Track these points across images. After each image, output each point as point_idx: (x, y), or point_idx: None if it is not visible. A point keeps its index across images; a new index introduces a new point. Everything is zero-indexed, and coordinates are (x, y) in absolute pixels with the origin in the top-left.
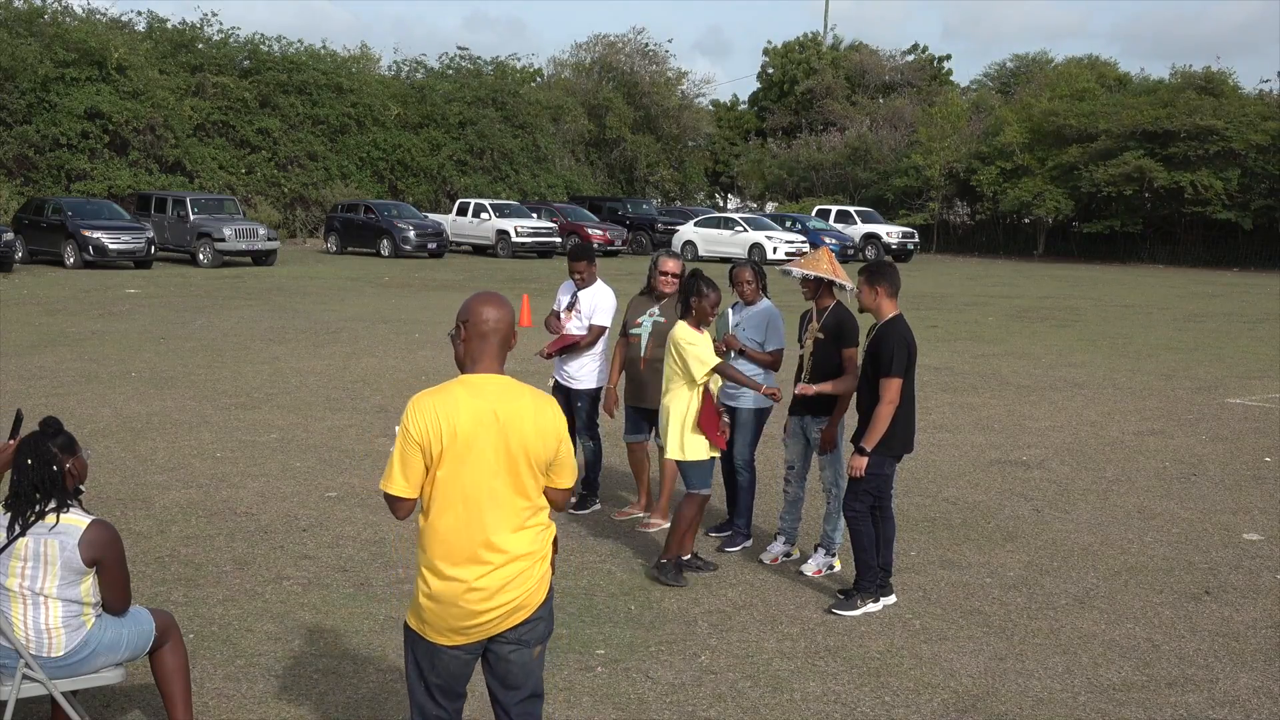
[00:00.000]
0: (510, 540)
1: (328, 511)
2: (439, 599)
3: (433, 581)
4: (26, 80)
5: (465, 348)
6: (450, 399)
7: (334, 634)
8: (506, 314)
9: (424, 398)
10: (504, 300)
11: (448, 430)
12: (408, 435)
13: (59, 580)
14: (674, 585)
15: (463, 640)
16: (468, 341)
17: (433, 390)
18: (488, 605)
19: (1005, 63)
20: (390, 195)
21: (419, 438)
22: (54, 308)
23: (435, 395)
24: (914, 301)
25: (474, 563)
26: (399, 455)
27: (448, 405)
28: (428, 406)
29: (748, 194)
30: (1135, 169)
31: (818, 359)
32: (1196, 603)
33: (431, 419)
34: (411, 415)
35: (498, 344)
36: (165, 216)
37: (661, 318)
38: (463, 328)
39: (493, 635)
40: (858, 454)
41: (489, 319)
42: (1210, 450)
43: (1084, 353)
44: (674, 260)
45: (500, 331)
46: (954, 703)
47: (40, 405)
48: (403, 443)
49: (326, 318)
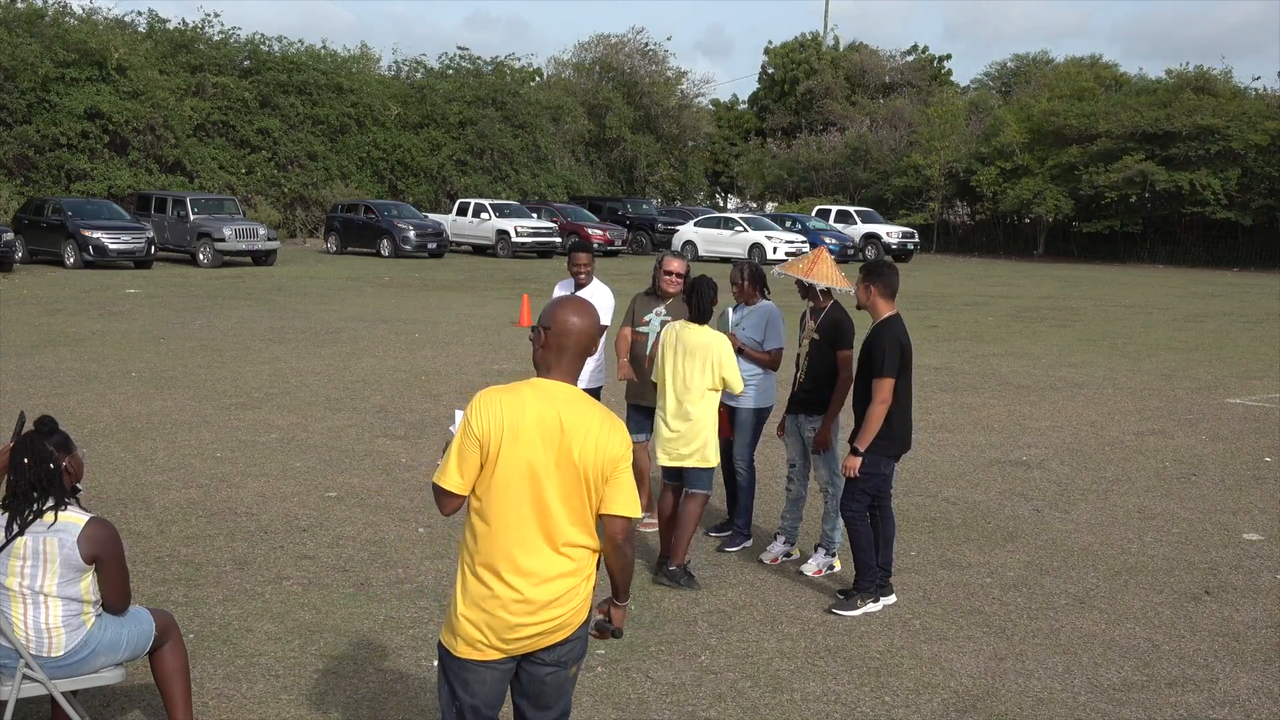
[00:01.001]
0: (560, 556)
1: (328, 511)
2: (482, 605)
3: (477, 588)
4: (26, 80)
5: (543, 353)
6: (517, 399)
7: (334, 634)
8: (590, 323)
9: (492, 394)
10: (591, 309)
11: (510, 430)
12: (469, 430)
13: (59, 578)
14: (690, 588)
15: (497, 655)
16: (546, 347)
17: (502, 388)
18: (531, 620)
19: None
20: (390, 195)
21: (480, 433)
22: (54, 308)
23: (503, 393)
24: (914, 301)
25: (522, 574)
26: (457, 449)
27: (514, 405)
28: (494, 403)
29: (748, 194)
30: (1136, 172)
31: (813, 359)
32: (1196, 603)
33: (496, 416)
34: (476, 410)
35: (576, 354)
36: (165, 216)
37: (669, 316)
38: (543, 333)
39: (530, 652)
40: (851, 454)
41: (573, 329)
42: (1210, 450)
43: (1084, 353)
44: (679, 260)
45: (581, 341)
46: (954, 703)
47: (40, 405)
48: (463, 437)
49: (326, 318)
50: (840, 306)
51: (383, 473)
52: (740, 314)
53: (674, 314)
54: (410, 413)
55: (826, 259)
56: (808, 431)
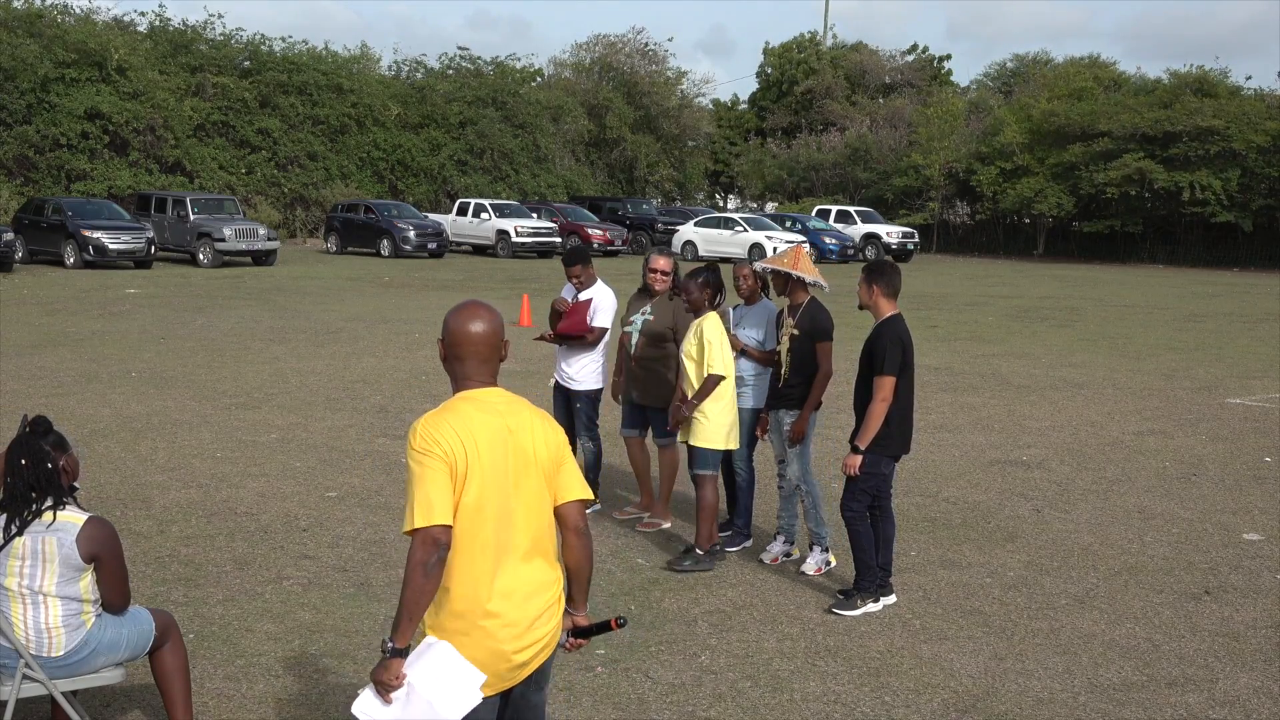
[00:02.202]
0: (534, 567)
1: (328, 511)
2: (471, 642)
3: (459, 624)
4: (26, 80)
5: (451, 366)
6: (463, 416)
7: (334, 634)
8: (494, 324)
9: (436, 418)
10: (489, 310)
11: (470, 449)
12: (429, 457)
13: (58, 577)
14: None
15: (490, 691)
16: (449, 360)
17: (439, 411)
18: (520, 644)
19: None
20: (390, 195)
21: (447, 457)
22: (54, 308)
23: (446, 414)
24: (914, 301)
25: (503, 596)
26: (429, 482)
27: (463, 422)
28: (444, 425)
29: (748, 194)
30: (1136, 171)
31: (795, 355)
32: (1196, 603)
33: (452, 437)
34: (430, 435)
35: (485, 358)
36: (165, 216)
37: (651, 315)
38: (441, 345)
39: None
40: (852, 452)
41: (477, 336)
42: (1210, 450)
43: (1084, 353)
44: (665, 258)
45: (491, 344)
46: (954, 703)
47: (40, 405)
48: (427, 468)
49: (326, 318)
50: (817, 301)
51: (383, 473)
52: (741, 314)
53: (659, 312)
54: (410, 413)
55: (805, 256)
56: (787, 424)
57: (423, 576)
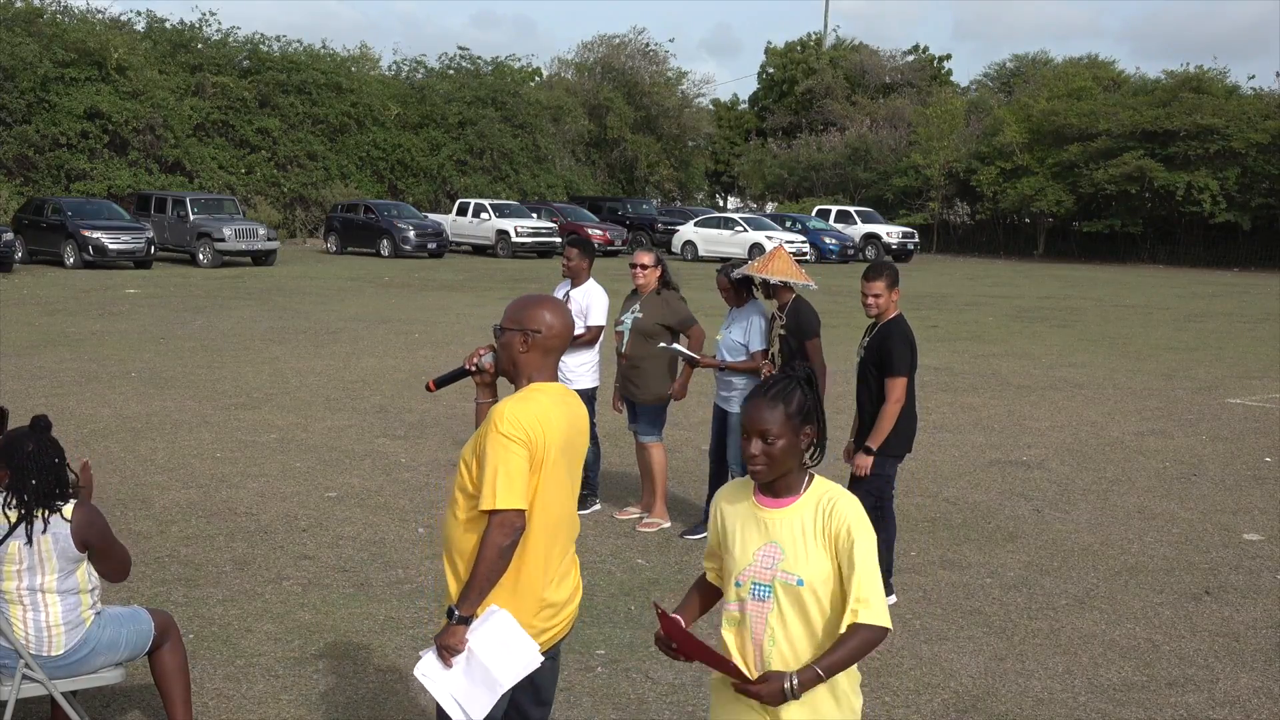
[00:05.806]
0: (571, 554)
1: (328, 511)
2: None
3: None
4: (26, 80)
5: (528, 357)
6: (543, 408)
7: (334, 634)
8: (568, 321)
9: (521, 405)
10: (565, 306)
11: (550, 439)
12: (515, 443)
13: (58, 572)
14: None
15: None
16: (533, 351)
17: (521, 399)
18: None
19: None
20: (390, 195)
21: (530, 444)
22: (54, 308)
23: (529, 404)
24: (914, 301)
25: (557, 582)
26: (513, 467)
27: (544, 413)
28: (529, 413)
29: (748, 194)
30: (1135, 169)
31: (785, 355)
32: (1196, 603)
33: (536, 426)
34: (517, 422)
35: (560, 353)
36: (165, 216)
37: (641, 313)
38: (531, 337)
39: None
40: (863, 453)
41: (569, 334)
42: (1210, 450)
43: (1084, 353)
44: (648, 254)
45: (565, 340)
46: (954, 703)
47: (40, 405)
48: (512, 453)
49: (326, 318)
50: (802, 300)
51: (383, 473)
52: (728, 317)
53: (648, 309)
54: (410, 413)
55: (783, 255)
56: None
57: (498, 556)
